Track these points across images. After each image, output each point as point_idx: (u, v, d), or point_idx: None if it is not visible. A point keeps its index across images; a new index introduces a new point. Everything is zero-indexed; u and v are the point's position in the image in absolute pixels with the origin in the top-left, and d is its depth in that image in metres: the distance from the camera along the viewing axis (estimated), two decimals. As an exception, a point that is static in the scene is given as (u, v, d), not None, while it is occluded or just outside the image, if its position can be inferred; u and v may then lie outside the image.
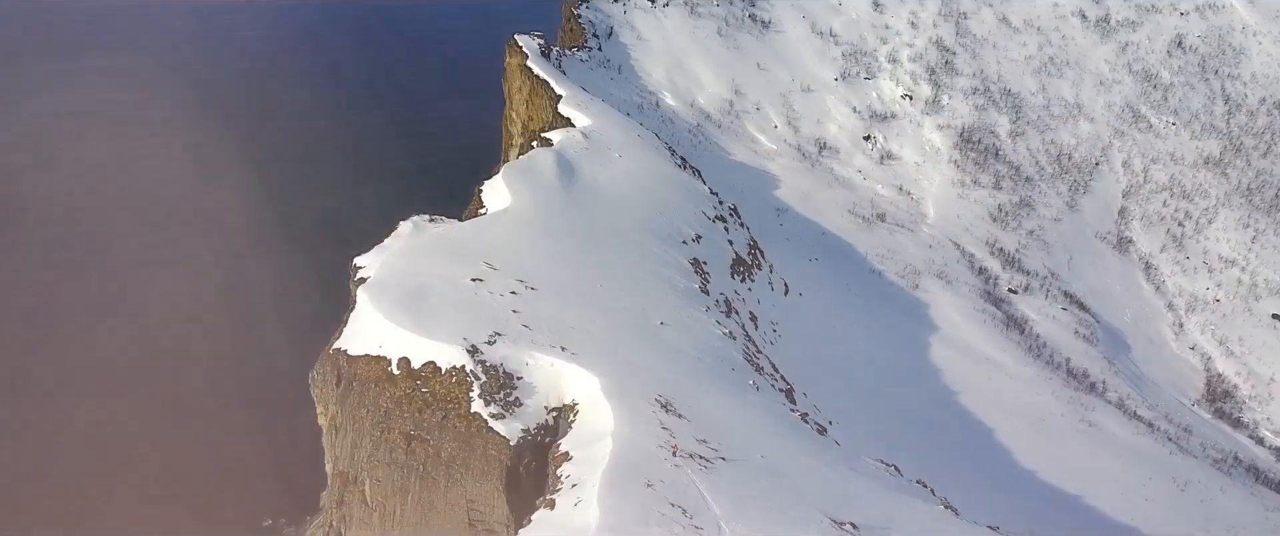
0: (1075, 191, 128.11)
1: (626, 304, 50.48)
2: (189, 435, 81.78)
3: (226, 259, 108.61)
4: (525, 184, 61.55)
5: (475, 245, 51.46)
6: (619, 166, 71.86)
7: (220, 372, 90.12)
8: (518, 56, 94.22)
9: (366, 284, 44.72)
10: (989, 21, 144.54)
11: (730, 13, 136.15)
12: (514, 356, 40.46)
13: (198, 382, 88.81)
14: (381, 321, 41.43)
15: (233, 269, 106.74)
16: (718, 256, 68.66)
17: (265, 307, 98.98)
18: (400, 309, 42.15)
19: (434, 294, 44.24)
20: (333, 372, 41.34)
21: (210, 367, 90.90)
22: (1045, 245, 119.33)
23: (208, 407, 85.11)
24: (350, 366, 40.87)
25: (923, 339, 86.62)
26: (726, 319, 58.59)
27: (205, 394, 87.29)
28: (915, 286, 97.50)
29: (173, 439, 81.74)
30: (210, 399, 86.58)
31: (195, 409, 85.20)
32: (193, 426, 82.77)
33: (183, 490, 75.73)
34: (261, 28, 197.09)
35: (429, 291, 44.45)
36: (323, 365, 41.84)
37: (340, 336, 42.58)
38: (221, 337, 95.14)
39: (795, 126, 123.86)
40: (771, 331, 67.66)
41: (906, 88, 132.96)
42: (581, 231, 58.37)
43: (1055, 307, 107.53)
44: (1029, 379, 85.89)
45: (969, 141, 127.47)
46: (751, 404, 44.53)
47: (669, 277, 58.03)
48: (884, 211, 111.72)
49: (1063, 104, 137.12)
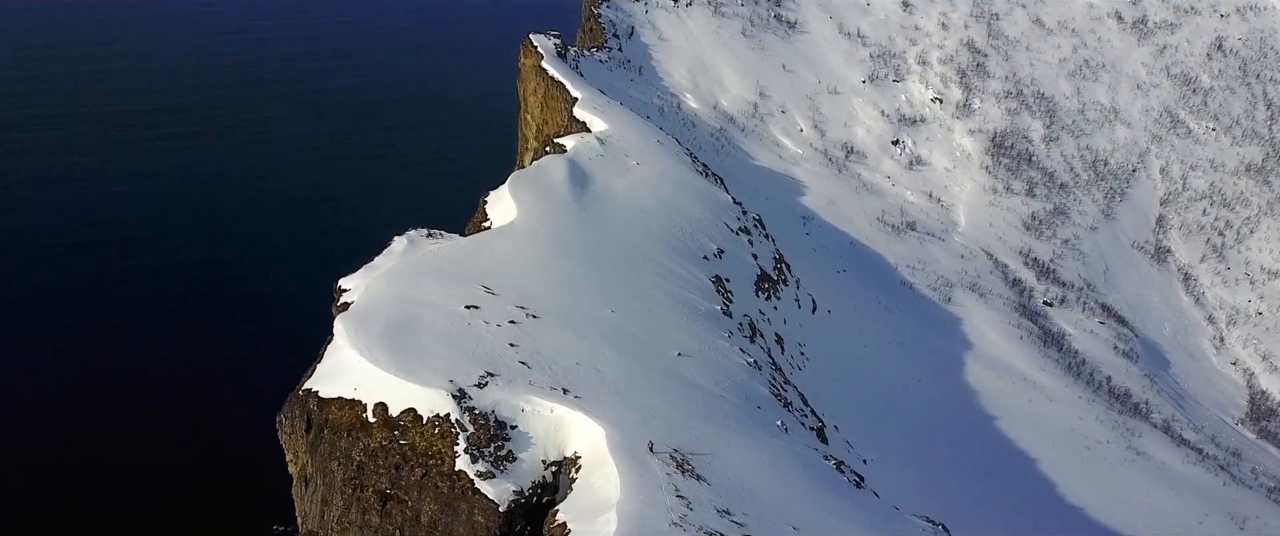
0: (1111, 199, 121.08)
1: (640, 333, 44.33)
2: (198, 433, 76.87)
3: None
4: (533, 195, 55.49)
5: (473, 265, 45.44)
6: (636, 174, 65.71)
7: (228, 372, 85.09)
8: (532, 57, 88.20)
9: (344, 314, 38.76)
10: (1022, 23, 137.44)
11: (755, 12, 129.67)
12: (508, 401, 34.38)
13: (204, 382, 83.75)
14: (357, 359, 35.45)
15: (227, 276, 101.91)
16: (741, 272, 62.42)
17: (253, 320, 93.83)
18: (379, 344, 36.14)
19: (421, 324, 38.22)
20: (302, 416, 35.39)
21: (217, 367, 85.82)
22: (1081, 255, 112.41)
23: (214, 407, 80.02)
24: (321, 410, 34.91)
25: (958, 357, 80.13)
26: (750, 345, 52.36)
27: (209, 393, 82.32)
28: (948, 299, 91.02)
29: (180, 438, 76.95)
30: (215, 399, 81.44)
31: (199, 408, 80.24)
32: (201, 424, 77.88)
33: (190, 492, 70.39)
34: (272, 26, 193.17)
35: (415, 321, 38.44)
36: (291, 407, 35.92)
37: (312, 374, 36.62)
38: (224, 337, 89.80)
39: (821, 130, 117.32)
40: (799, 354, 61.42)
41: (936, 91, 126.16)
42: (593, 248, 52.28)
43: (1092, 321, 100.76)
44: (1071, 401, 79.18)
45: (1001, 147, 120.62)
46: (781, 453, 38.30)
47: (688, 299, 51.85)
48: (914, 219, 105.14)
49: (1098, 108, 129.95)
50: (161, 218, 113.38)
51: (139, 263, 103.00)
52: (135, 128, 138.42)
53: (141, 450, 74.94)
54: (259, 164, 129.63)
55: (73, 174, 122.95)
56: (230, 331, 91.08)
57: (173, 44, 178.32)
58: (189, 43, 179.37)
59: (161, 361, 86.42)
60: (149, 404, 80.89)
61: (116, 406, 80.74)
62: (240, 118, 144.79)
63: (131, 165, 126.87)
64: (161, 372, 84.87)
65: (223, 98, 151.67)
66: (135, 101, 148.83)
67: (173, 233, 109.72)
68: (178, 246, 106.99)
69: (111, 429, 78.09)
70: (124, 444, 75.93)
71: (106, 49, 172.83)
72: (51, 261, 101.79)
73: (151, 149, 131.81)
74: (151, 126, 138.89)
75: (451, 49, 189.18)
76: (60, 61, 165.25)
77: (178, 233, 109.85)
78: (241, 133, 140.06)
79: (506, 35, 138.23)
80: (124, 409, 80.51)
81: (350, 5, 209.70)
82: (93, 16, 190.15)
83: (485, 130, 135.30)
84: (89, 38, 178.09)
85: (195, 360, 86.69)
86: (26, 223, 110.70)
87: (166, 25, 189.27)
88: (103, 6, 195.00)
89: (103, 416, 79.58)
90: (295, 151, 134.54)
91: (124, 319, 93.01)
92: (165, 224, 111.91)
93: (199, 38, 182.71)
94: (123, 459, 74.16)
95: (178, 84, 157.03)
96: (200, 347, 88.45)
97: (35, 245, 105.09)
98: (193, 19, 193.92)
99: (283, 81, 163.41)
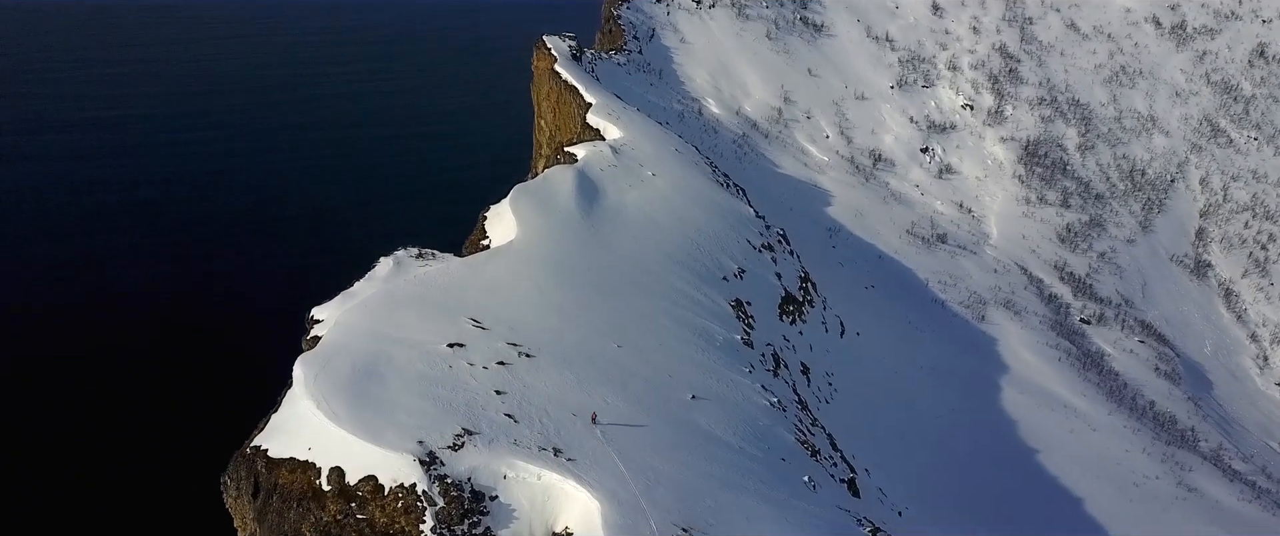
0: (1149, 210, 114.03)
1: (649, 371, 38.34)
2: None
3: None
4: (535, 210, 49.58)
5: (462, 293, 39.57)
6: (651, 186, 59.69)
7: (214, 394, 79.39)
8: (546, 60, 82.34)
9: (305, 355, 32.99)
10: (1056, 27, 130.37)
11: (780, 15, 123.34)
12: (488, 466, 28.53)
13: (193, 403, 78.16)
14: (313, 412, 29.67)
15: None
16: (764, 294, 56.31)
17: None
18: (340, 394, 30.33)
19: (393, 368, 32.38)
20: (248, 479, 29.63)
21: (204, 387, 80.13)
22: (1118, 269, 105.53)
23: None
24: (270, 473, 29.12)
25: (993, 382, 73.66)
26: (774, 380, 46.26)
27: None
28: (981, 318, 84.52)
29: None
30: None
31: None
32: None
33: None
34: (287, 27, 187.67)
35: (388, 364, 32.61)
36: (237, 467, 30.18)
37: (263, 428, 30.86)
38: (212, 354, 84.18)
39: (848, 137, 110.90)
40: (826, 386, 55.23)
41: (967, 97, 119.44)
42: (600, 271, 46.30)
43: (1132, 340, 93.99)
44: (1115, 430, 72.56)
45: (1034, 155, 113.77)
46: (811, 521, 32.29)
47: (705, 328, 45.80)
48: (944, 231, 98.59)
49: (1135, 116, 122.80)
50: (156, 226, 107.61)
51: (133, 275, 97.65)
52: (137, 129, 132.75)
53: (127, 466, 69.85)
54: (264, 168, 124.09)
55: (75, 180, 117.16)
56: (219, 348, 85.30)
57: (182, 46, 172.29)
58: (194, 46, 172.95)
59: (152, 374, 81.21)
60: (142, 411, 76.02)
61: (111, 410, 76.20)
62: (249, 122, 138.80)
63: (132, 167, 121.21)
64: (152, 385, 79.73)
65: (227, 103, 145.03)
66: (135, 104, 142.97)
67: (163, 246, 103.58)
68: (169, 258, 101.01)
69: (105, 436, 73.70)
70: (111, 456, 70.94)
71: (124, 51, 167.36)
72: (50, 266, 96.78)
73: (152, 151, 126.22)
74: (153, 128, 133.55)
75: (474, 51, 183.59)
76: (61, 64, 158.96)
77: (167, 245, 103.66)
78: (251, 137, 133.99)
79: (533, 37, 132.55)
80: (121, 412, 76.04)
81: (370, 7, 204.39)
82: (100, 18, 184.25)
83: (505, 137, 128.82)
84: (90, 38, 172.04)
85: (186, 379, 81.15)
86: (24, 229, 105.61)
87: (176, 27, 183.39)
88: (104, 7, 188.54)
89: (95, 425, 74.99)
90: (299, 159, 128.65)
91: (120, 328, 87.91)
92: (158, 235, 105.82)
93: (205, 39, 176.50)
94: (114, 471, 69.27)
95: (179, 86, 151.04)
96: (192, 364, 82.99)
97: (32, 253, 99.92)
98: (196, 19, 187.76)
99: (288, 83, 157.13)
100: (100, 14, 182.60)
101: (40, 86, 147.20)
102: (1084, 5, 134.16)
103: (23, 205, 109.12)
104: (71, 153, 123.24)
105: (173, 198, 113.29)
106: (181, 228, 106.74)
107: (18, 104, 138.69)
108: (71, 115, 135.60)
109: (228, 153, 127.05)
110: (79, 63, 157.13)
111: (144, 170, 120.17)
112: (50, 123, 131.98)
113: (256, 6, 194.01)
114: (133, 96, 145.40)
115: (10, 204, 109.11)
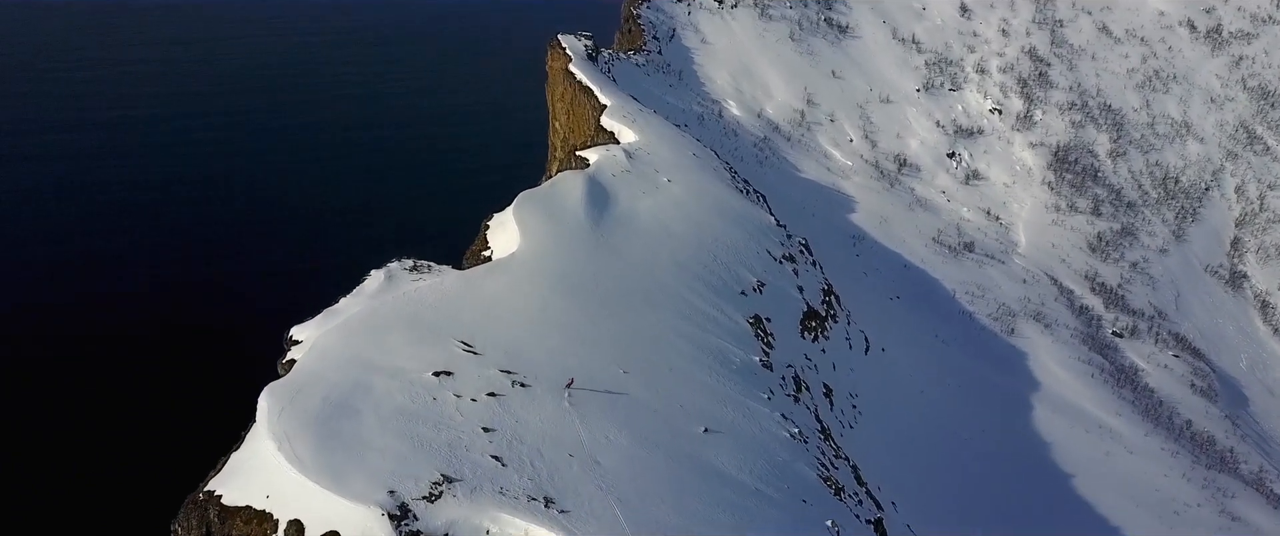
0: (1182, 219, 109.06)
1: (658, 401, 34.38)
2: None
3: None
4: (541, 220, 45.66)
5: (456, 311, 35.73)
6: (666, 193, 55.68)
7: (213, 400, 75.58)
8: (560, 59, 78.37)
9: (274, 384, 29.25)
10: (1087, 30, 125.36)
11: (804, 15, 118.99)
12: (468, 520, 24.67)
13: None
14: (274, 453, 25.89)
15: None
16: (785, 309, 52.18)
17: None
18: (307, 433, 26.52)
19: (370, 402, 28.57)
20: (200, 528, 25.89)
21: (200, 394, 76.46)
22: (1150, 280, 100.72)
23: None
24: (223, 523, 25.36)
25: (1024, 400, 69.28)
26: (794, 406, 42.21)
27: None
28: (1010, 331, 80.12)
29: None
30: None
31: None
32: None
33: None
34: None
35: (365, 396, 28.80)
36: (187, 515, 26.43)
37: (219, 471, 27.11)
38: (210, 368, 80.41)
39: (872, 141, 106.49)
40: (850, 408, 51.08)
41: (995, 101, 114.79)
42: (608, 285, 42.34)
43: (1166, 354, 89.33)
44: (1152, 453, 68.07)
45: (1064, 161, 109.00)
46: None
47: (721, 349, 41.80)
48: (971, 239, 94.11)
49: (1169, 122, 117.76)
50: (157, 227, 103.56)
51: (132, 277, 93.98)
52: (138, 132, 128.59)
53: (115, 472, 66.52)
54: (268, 170, 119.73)
55: (75, 181, 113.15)
56: (220, 353, 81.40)
57: (182, 46, 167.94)
58: (193, 46, 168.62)
59: (150, 379, 77.76)
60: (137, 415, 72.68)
61: (109, 412, 73.19)
62: (253, 123, 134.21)
63: (132, 168, 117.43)
64: (150, 389, 76.31)
65: (230, 104, 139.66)
66: (139, 104, 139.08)
67: (163, 248, 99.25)
68: (169, 261, 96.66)
69: (101, 440, 70.54)
70: (103, 461, 67.68)
71: (127, 51, 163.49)
72: (47, 268, 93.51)
73: (152, 155, 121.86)
74: (155, 131, 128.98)
75: (491, 50, 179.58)
76: (60, 64, 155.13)
77: (167, 247, 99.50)
78: (256, 138, 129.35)
79: (551, 36, 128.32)
80: (118, 414, 72.98)
81: (381, 5, 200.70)
82: (100, 18, 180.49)
83: (522, 139, 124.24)
84: (89, 39, 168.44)
85: (185, 384, 77.43)
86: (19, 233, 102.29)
87: (176, 27, 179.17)
88: (106, 8, 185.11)
89: (92, 427, 71.92)
90: (304, 161, 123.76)
91: (119, 330, 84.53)
92: (159, 237, 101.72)
93: (205, 40, 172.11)
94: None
95: (180, 86, 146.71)
96: (190, 369, 79.27)
97: (31, 254, 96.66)
98: (194, 20, 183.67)
99: (293, 83, 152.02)
100: (99, 14, 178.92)
101: (40, 86, 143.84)
102: (1116, 8, 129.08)
103: (22, 206, 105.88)
104: (70, 153, 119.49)
105: (174, 199, 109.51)
106: (182, 230, 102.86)
107: (17, 104, 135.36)
108: (71, 116, 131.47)
109: (231, 154, 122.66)
110: (79, 63, 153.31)
111: (144, 171, 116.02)
112: (49, 123, 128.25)
113: (256, 7, 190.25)
114: (134, 97, 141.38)
115: (10, 204, 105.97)
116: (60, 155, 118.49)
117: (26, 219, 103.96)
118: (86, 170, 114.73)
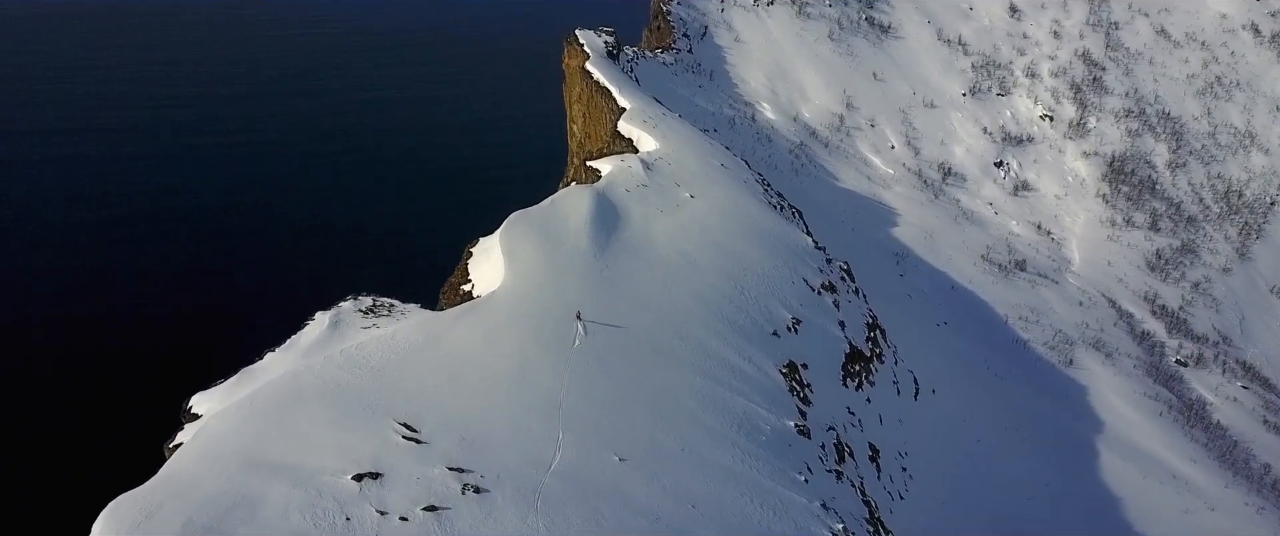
0: (1246, 236, 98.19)
1: (661, 502, 25.32)
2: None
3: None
4: (533, 248, 36.63)
5: (402, 377, 26.82)
6: (688, 211, 46.50)
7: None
8: (577, 57, 69.25)
9: (119, 500, 20.47)
10: (1145, 33, 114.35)
11: (844, 14, 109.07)
12: None
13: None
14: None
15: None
16: (824, 352, 42.85)
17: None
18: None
19: (255, 526, 19.76)
20: None
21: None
22: (1213, 301, 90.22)
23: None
24: None
25: (1090, 445, 59.49)
26: (837, 485, 33.03)
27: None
28: (1068, 361, 70.33)
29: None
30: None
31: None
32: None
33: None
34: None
35: (248, 517, 19.99)
36: None
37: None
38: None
39: (915, 148, 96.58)
40: (900, 473, 41.71)
41: (1047, 107, 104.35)
42: (611, 332, 33.30)
43: (1234, 385, 79.08)
44: (1235, 509, 58.05)
45: (1120, 172, 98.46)
46: None
47: (747, 413, 32.65)
48: (1023, 257, 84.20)
49: (1231, 132, 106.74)
50: (158, 230, 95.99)
51: (132, 280, 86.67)
52: (138, 134, 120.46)
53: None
54: (273, 172, 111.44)
55: (74, 183, 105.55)
56: (220, 355, 73.56)
57: (185, 48, 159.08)
58: (195, 47, 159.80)
59: (149, 382, 70.33)
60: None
61: (105, 415, 67.00)
62: (257, 123, 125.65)
63: (131, 173, 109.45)
64: (148, 394, 68.58)
65: (236, 110, 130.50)
66: (139, 105, 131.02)
67: (164, 254, 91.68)
68: (173, 268, 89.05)
69: (97, 442, 64.61)
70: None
71: (129, 53, 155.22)
72: (47, 272, 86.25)
73: (154, 157, 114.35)
74: (156, 134, 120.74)
75: (511, 48, 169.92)
76: (60, 65, 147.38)
77: (170, 254, 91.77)
78: (260, 140, 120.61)
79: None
80: (115, 417, 66.87)
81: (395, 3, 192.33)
82: (102, 17, 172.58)
83: (545, 148, 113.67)
84: (90, 38, 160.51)
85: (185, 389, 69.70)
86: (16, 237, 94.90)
87: (178, 28, 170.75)
88: (107, 8, 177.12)
89: (89, 429, 65.62)
90: (309, 163, 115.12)
91: (117, 332, 77.28)
92: (159, 240, 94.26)
93: (204, 41, 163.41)
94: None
95: (182, 88, 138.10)
96: (190, 374, 71.33)
97: (29, 259, 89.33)
98: (193, 21, 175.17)
99: (299, 86, 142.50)
100: (102, 13, 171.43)
101: (41, 87, 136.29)
102: (1175, 10, 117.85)
103: (21, 207, 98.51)
104: (69, 155, 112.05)
105: (180, 205, 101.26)
106: (188, 238, 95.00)
107: (18, 104, 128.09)
108: (72, 120, 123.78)
109: (232, 158, 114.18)
110: (78, 65, 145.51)
111: (149, 176, 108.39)
112: (50, 127, 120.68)
113: (258, 6, 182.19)
114: (133, 97, 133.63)
115: (10, 204, 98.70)
116: (59, 159, 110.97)
117: (42, 221, 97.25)
118: (87, 173, 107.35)
